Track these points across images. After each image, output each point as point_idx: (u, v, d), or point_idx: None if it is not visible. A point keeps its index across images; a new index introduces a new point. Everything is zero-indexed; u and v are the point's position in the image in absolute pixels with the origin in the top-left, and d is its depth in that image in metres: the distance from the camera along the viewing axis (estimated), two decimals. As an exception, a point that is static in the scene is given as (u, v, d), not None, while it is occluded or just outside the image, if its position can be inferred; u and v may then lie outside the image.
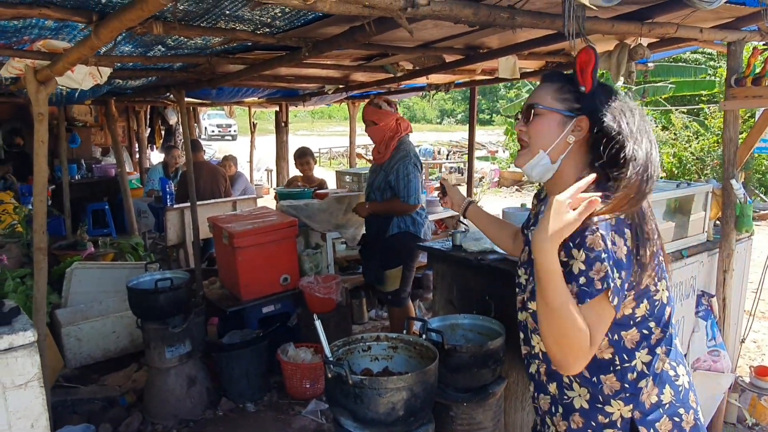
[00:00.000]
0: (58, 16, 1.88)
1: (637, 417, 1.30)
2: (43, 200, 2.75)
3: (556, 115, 1.39)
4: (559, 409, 1.41)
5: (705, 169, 9.95)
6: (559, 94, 1.41)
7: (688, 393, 1.36)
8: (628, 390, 1.30)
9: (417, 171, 3.61)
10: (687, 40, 2.83)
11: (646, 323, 1.30)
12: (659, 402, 1.31)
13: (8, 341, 1.82)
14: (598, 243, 1.20)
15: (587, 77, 1.36)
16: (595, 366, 1.31)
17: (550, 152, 1.39)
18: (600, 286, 1.19)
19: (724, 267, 3.05)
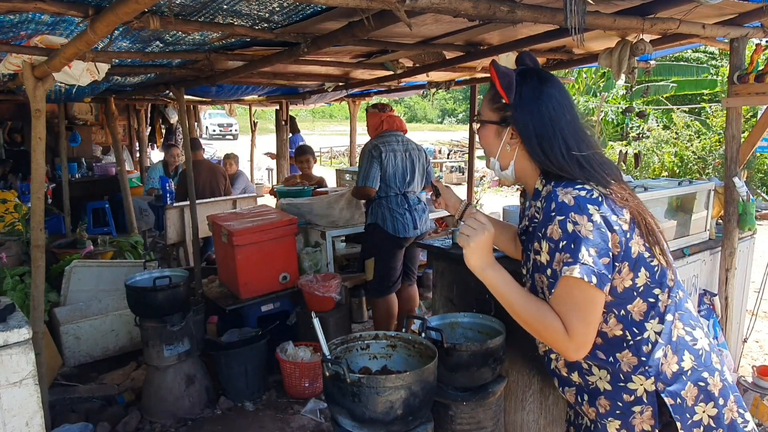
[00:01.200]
0: (54, 10, 1.86)
1: (661, 389, 1.29)
2: (40, 198, 2.73)
3: (492, 126, 1.46)
4: (585, 396, 1.41)
5: (707, 169, 9.92)
6: (493, 104, 1.46)
7: (710, 355, 1.34)
8: (646, 363, 1.30)
9: (371, 157, 3.80)
10: (689, 37, 2.81)
11: (650, 291, 1.30)
12: (681, 369, 1.30)
13: (2, 338, 1.81)
14: (556, 232, 1.27)
15: (500, 90, 1.39)
16: (608, 345, 1.32)
17: (498, 159, 1.48)
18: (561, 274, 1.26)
19: (727, 266, 3.03)
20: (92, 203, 7.58)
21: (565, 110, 1.37)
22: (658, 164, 10.58)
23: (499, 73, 1.38)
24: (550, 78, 1.43)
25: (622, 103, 11.88)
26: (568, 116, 1.37)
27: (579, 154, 1.34)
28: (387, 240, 3.82)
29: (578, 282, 1.22)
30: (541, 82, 1.39)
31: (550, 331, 1.28)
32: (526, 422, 2.56)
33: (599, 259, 1.22)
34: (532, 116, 1.36)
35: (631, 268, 1.27)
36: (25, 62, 2.53)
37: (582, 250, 1.22)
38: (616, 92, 12.08)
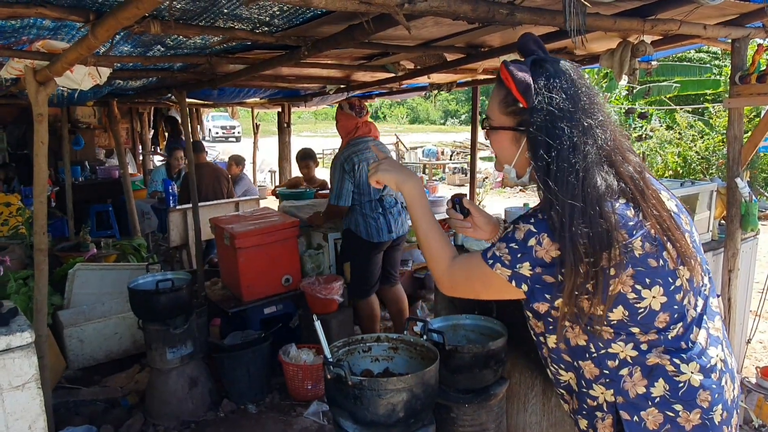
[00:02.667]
0: (55, 15, 1.87)
1: (620, 402, 1.26)
2: (43, 201, 2.74)
3: (507, 132, 1.32)
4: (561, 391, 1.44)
5: (710, 169, 9.89)
6: (506, 107, 1.30)
7: (695, 392, 1.23)
8: (607, 376, 1.27)
9: (342, 172, 3.77)
10: (690, 38, 2.80)
11: (625, 328, 1.22)
12: (647, 394, 1.24)
13: (5, 342, 1.82)
14: (520, 232, 1.25)
15: (516, 94, 1.24)
16: (571, 351, 1.32)
17: (514, 166, 1.35)
18: (487, 256, 1.29)
19: (730, 266, 3.02)
20: (95, 206, 7.60)
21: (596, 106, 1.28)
22: (662, 165, 10.55)
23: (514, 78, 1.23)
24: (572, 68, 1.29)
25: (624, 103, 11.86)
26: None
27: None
28: (362, 245, 3.83)
29: (498, 277, 1.27)
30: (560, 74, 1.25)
31: (437, 255, 1.40)
32: (528, 424, 2.55)
33: (541, 276, 1.22)
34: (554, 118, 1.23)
35: (603, 300, 1.18)
36: (27, 67, 2.54)
37: (524, 264, 1.23)
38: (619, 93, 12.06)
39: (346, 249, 3.98)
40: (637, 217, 1.20)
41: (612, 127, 1.26)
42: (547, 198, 1.21)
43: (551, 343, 1.36)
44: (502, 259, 1.26)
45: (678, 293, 1.22)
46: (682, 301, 1.24)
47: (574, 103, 1.22)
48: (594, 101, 1.25)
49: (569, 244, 1.16)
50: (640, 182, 1.24)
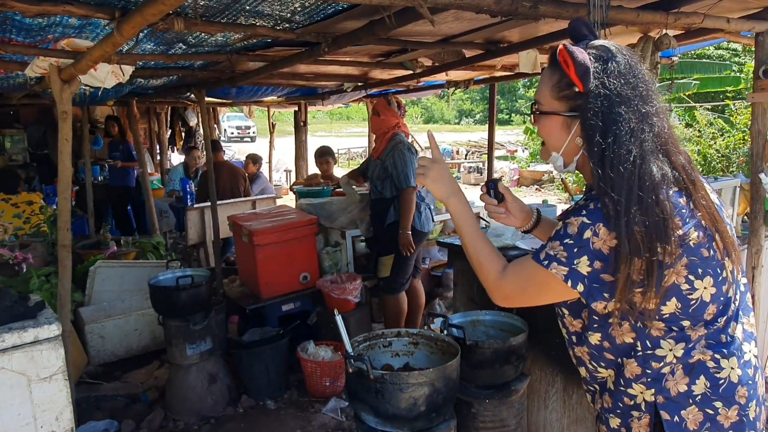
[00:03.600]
0: (82, 12, 1.89)
1: (660, 402, 1.24)
2: (67, 198, 2.79)
3: (558, 118, 1.28)
4: (596, 386, 1.40)
5: (731, 167, 9.74)
6: (559, 91, 1.26)
7: (734, 388, 1.22)
8: (649, 375, 1.24)
9: (411, 154, 3.78)
10: (713, 32, 2.76)
11: (676, 322, 1.21)
12: (688, 392, 1.22)
13: (33, 334, 1.85)
14: (573, 227, 1.20)
15: (573, 78, 1.21)
16: (615, 349, 1.28)
17: (562, 154, 1.31)
18: (540, 257, 1.23)
19: (753, 263, 2.97)
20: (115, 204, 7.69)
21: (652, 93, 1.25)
22: (681, 163, 10.40)
23: (575, 60, 1.19)
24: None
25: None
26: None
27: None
28: (414, 236, 3.83)
29: (554, 279, 1.21)
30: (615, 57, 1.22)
31: (488, 266, 1.35)
32: (549, 421, 2.54)
33: (599, 274, 1.17)
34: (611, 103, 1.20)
35: (657, 292, 1.16)
36: (52, 65, 2.59)
37: (582, 258, 1.17)
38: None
39: (390, 242, 3.83)
40: (688, 206, 1.19)
41: (666, 116, 1.24)
42: (600, 186, 1.18)
43: (594, 341, 1.31)
44: (557, 257, 1.20)
45: (724, 285, 1.21)
46: (727, 293, 1.23)
47: (633, 88, 1.19)
48: (651, 88, 1.22)
49: (625, 231, 1.13)
50: (692, 172, 1.23)
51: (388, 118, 3.89)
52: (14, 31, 2.37)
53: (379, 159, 3.89)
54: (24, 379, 1.85)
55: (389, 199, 3.84)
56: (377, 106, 3.96)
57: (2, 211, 5.60)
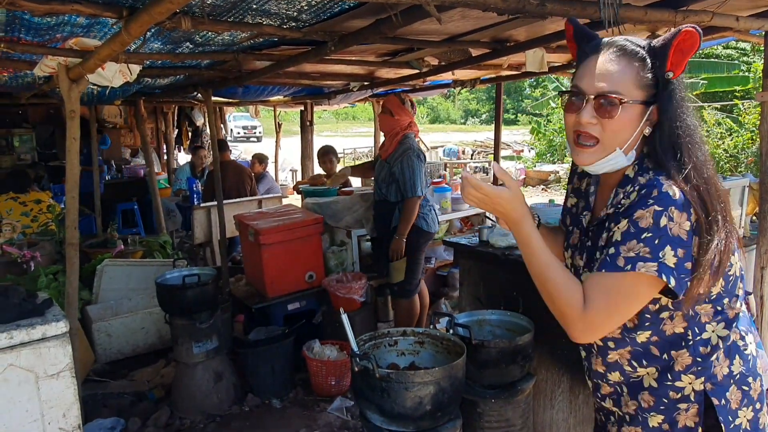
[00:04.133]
0: (90, 11, 1.90)
1: (710, 389, 1.26)
2: (75, 197, 2.80)
3: (638, 107, 1.22)
4: (624, 389, 1.36)
5: (739, 167, 9.68)
6: (642, 79, 1.22)
7: (756, 361, 1.31)
8: (699, 364, 1.26)
9: (420, 162, 3.73)
10: (722, 30, 2.74)
11: (720, 300, 1.25)
12: (730, 373, 1.27)
13: (41, 332, 1.86)
14: (646, 219, 1.14)
15: (682, 63, 1.19)
16: (664, 343, 1.27)
17: (628, 145, 1.25)
18: (620, 264, 1.15)
19: (762, 264, 2.95)
20: (122, 204, 7.73)
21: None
22: (688, 163, 10.35)
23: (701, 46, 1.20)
24: None
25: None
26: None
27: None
28: (423, 237, 3.85)
29: (651, 279, 1.14)
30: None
31: (566, 298, 1.20)
32: (555, 421, 2.53)
33: (683, 263, 1.14)
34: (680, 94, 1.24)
35: (712, 278, 1.19)
36: (60, 64, 2.60)
37: (666, 249, 1.13)
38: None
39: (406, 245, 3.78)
40: None
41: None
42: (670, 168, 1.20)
43: (642, 339, 1.29)
44: (640, 256, 1.14)
45: (741, 261, 1.29)
46: (743, 268, 1.31)
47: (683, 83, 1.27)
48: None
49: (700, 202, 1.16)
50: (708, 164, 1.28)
51: (402, 118, 3.81)
52: (23, 30, 2.39)
53: (387, 162, 3.84)
54: (32, 376, 1.86)
55: (393, 202, 3.81)
56: (390, 105, 3.84)
57: (10, 210, 5.63)
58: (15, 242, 4.90)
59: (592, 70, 1.23)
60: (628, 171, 1.28)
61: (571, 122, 1.27)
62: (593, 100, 1.22)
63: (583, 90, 1.24)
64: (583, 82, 1.24)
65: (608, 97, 1.20)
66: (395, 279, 3.86)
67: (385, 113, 3.86)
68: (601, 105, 1.21)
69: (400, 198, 3.77)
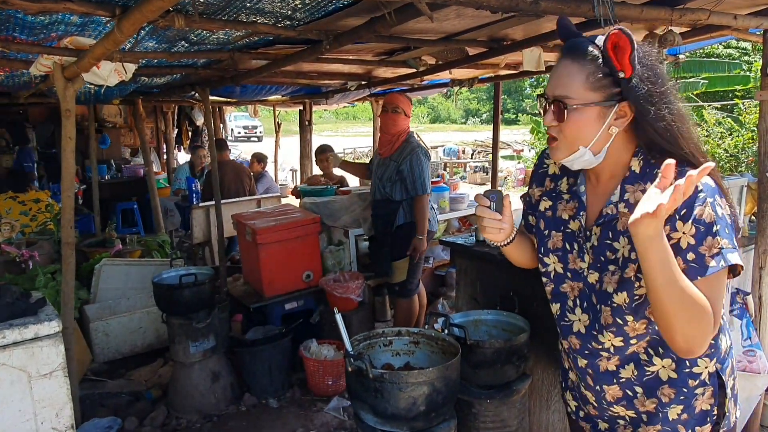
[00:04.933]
0: (83, 10, 1.90)
1: (719, 368, 1.31)
2: (70, 196, 2.80)
3: (593, 109, 1.23)
4: (637, 390, 1.34)
5: (739, 167, 9.65)
6: (594, 82, 1.22)
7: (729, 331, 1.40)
8: (712, 346, 1.29)
9: (427, 161, 3.78)
10: (720, 29, 2.72)
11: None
12: (727, 348, 1.34)
13: (34, 331, 1.85)
14: (708, 214, 1.15)
15: (625, 63, 1.18)
16: None
17: (591, 147, 1.26)
18: (713, 264, 1.13)
19: (761, 264, 2.93)
20: (121, 204, 7.74)
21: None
22: (688, 162, 10.31)
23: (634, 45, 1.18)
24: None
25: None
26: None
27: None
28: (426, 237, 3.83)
29: (733, 268, 1.15)
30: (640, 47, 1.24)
31: (705, 322, 1.11)
32: (551, 422, 2.52)
33: (734, 238, 1.18)
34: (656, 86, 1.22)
35: None
36: (56, 63, 2.60)
37: (734, 236, 1.17)
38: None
39: (403, 246, 3.76)
40: None
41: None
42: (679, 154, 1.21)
43: None
44: (724, 249, 1.13)
45: None
46: None
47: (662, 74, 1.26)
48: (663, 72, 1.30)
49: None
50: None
51: (403, 127, 3.84)
52: (17, 29, 2.38)
53: (391, 159, 3.79)
54: (24, 376, 1.86)
55: (398, 201, 3.77)
56: (404, 106, 3.82)
57: (9, 209, 5.63)
58: (14, 241, 4.90)
59: (553, 74, 1.29)
60: (633, 166, 1.29)
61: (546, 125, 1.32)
62: (551, 103, 1.27)
63: (546, 94, 1.29)
64: (548, 85, 1.30)
65: (559, 102, 1.25)
66: (397, 278, 3.85)
67: (398, 113, 3.80)
68: (556, 109, 1.26)
69: (405, 196, 3.75)
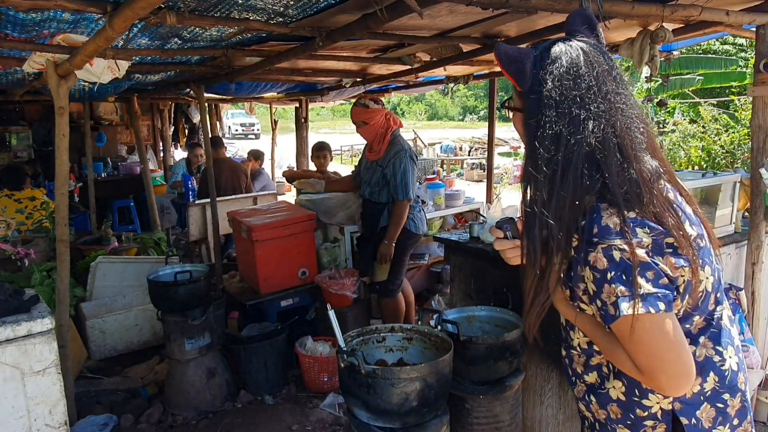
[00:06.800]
0: (74, 7, 1.89)
1: (678, 408, 1.20)
2: (65, 193, 2.80)
3: (518, 115, 1.27)
4: (592, 398, 1.34)
5: (735, 163, 9.65)
6: (516, 89, 1.27)
7: (736, 375, 1.23)
8: None
9: (413, 165, 3.66)
10: (713, 25, 2.73)
11: (690, 318, 1.18)
12: (701, 391, 1.21)
13: (27, 328, 1.86)
14: (600, 260, 1.09)
15: (508, 77, 1.21)
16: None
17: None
18: (613, 312, 1.09)
19: (753, 259, 2.95)
20: (118, 201, 7.73)
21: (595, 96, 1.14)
22: (685, 159, 10.34)
23: (501, 57, 1.19)
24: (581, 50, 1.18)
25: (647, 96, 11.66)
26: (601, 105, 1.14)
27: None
28: (410, 239, 3.80)
29: (643, 317, 1.06)
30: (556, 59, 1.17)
31: (627, 368, 1.16)
32: (544, 417, 2.53)
33: (658, 281, 1.08)
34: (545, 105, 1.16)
35: (681, 297, 1.14)
36: (49, 60, 2.59)
37: (638, 280, 1.06)
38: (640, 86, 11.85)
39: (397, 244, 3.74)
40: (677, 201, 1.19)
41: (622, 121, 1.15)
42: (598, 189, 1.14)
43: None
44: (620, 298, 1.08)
45: (716, 273, 1.21)
46: (719, 281, 1.22)
47: (567, 90, 1.15)
48: (598, 89, 1.15)
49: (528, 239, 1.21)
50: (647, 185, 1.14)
51: (376, 120, 3.66)
52: (9, 26, 2.38)
53: (378, 163, 3.71)
54: (17, 373, 1.87)
55: (383, 203, 3.76)
56: (359, 117, 3.70)
57: (5, 207, 5.62)
58: (9, 239, 4.89)
59: None
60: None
61: None
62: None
63: None
64: None
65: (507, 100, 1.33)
66: (378, 278, 3.84)
67: (360, 126, 3.73)
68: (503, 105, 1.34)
69: (390, 199, 3.70)
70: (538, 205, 1.16)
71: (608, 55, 1.23)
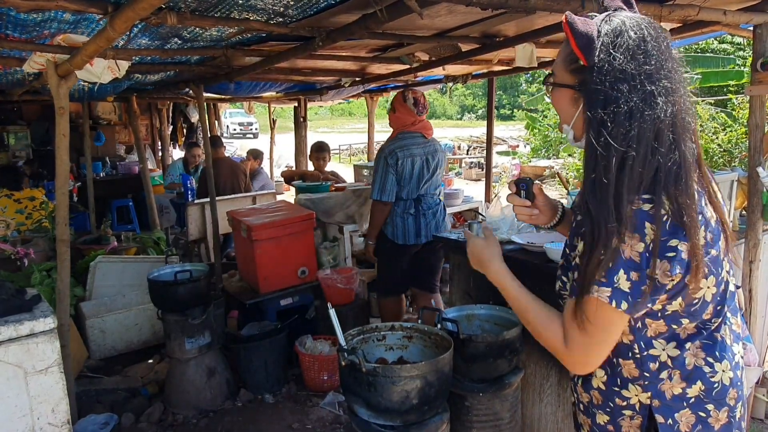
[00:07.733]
0: (75, 7, 1.90)
1: (656, 405, 1.22)
2: (65, 194, 2.80)
3: (567, 91, 1.23)
4: (579, 380, 1.37)
5: (733, 162, 9.69)
6: (569, 63, 1.21)
7: (726, 390, 1.22)
8: (647, 378, 1.22)
9: (387, 165, 3.52)
10: (710, 24, 2.75)
11: (677, 319, 1.18)
12: (683, 395, 1.21)
13: (29, 327, 1.87)
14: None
15: (575, 50, 1.14)
16: (615, 348, 1.24)
17: (572, 127, 1.26)
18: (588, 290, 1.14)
19: (750, 258, 2.96)
20: (116, 201, 7.73)
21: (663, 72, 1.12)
22: (682, 158, 10.35)
23: (575, 32, 1.12)
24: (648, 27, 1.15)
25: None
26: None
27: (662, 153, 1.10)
28: (386, 244, 3.70)
29: (603, 306, 1.11)
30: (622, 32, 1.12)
31: (549, 337, 1.25)
32: (543, 414, 2.55)
33: (639, 286, 1.09)
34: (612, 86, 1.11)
35: (668, 297, 1.14)
36: (49, 61, 2.59)
37: (619, 273, 1.09)
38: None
39: (377, 246, 3.76)
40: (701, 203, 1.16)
41: (679, 102, 1.14)
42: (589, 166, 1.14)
43: None
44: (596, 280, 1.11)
45: (722, 285, 1.20)
46: (724, 294, 1.21)
47: (639, 65, 1.11)
48: (665, 66, 1.13)
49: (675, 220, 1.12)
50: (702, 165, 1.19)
51: (403, 116, 3.58)
52: (10, 27, 2.38)
53: None
54: (20, 372, 1.88)
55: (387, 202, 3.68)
56: (394, 102, 3.67)
57: (5, 207, 5.63)
58: (9, 239, 4.90)
59: None
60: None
61: None
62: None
63: None
64: None
65: (548, 76, 1.30)
66: None
67: (390, 110, 3.70)
68: (548, 82, 1.30)
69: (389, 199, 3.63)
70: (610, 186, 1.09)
71: (665, 31, 1.20)
